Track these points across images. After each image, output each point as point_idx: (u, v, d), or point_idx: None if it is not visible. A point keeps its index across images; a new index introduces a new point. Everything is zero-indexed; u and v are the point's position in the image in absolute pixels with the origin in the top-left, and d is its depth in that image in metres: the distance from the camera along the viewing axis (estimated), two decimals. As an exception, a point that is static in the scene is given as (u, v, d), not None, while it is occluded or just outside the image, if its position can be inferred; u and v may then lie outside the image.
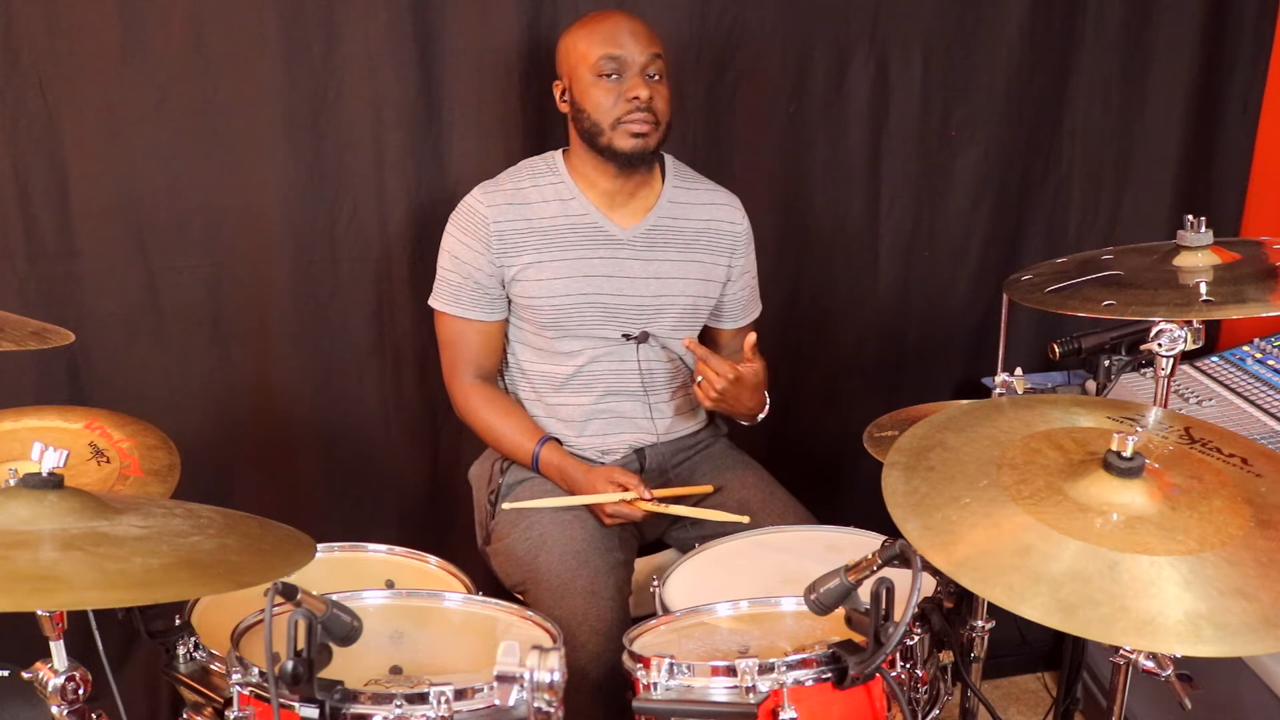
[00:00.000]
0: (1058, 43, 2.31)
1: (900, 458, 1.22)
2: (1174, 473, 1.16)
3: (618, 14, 1.84)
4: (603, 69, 1.78)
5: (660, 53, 1.81)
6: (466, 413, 1.94)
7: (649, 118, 1.79)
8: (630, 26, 1.80)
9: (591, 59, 1.78)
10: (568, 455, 1.89)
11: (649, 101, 1.78)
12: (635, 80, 1.78)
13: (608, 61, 1.77)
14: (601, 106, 1.79)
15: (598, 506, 1.83)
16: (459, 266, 1.86)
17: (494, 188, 1.87)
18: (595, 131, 1.81)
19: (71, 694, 1.21)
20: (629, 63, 1.78)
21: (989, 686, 2.49)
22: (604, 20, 1.82)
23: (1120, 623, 0.98)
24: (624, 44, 1.78)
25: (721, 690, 1.28)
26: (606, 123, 1.79)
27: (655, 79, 1.80)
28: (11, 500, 1.11)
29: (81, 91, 1.93)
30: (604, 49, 1.77)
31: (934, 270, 2.43)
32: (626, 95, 1.77)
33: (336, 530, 1.68)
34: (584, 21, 1.84)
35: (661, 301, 1.90)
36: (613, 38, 1.78)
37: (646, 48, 1.79)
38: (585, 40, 1.80)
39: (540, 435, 1.90)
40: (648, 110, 1.78)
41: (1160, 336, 1.45)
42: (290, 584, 1.15)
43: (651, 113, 1.79)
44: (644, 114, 1.78)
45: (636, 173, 1.86)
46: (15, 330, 1.42)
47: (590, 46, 1.79)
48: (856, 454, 1.78)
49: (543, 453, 1.88)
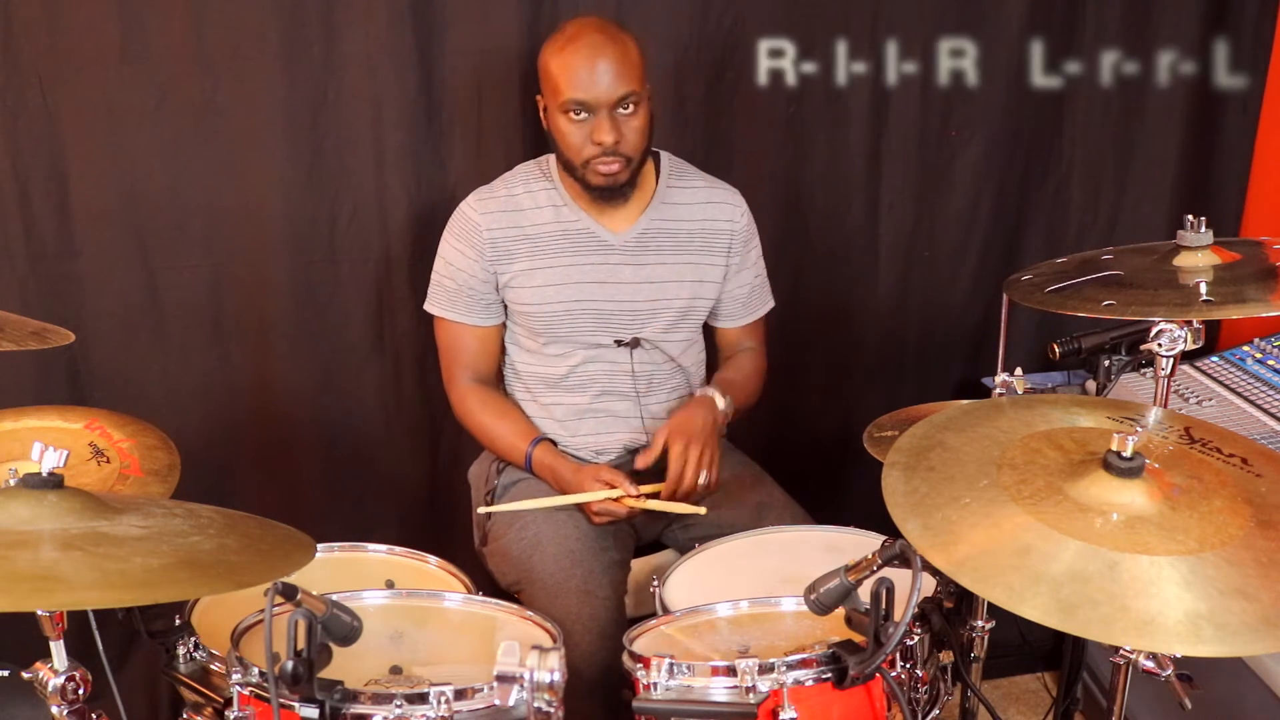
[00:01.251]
0: (1058, 43, 2.31)
1: (900, 458, 1.21)
2: (1174, 473, 1.16)
3: (590, 44, 1.72)
4: (570, 110, 1.73)
5: (633, 89, 1.73)
6: (463, 415, 1.94)
7: (616, 160, 1.76)
8: (602, 64, 1.70)
9: (560, 98, 1.73)
10: (560, 456, 1.89)
11: (616, 145, 1.74)
12: (601, 123, 1.72)
13: (574, 104, 1.72)
14: (571, 145, 1.76)
15: (585, 505, 1.81)
16: (454, 273, 1.86)
17: (488, 194, 1.87)
18: (569, 164, 1.79)
19: (71, 694, 1.21)
20: (597, 105, 1.72)
21: (989, 686, 2.49)
22: (575, 54, 1.72)
23: (1120, 623, 0.98)
24: (592, 87, 1.70)
25: (721, 690, 1.28)
26: (577, 160, 1.77)
27: (628, 111, 1.74)
28: (11, 500, 1.11)
29: (81, 91, 1.93)
30: (570, 92, 1.71)
31: (934, 270, 2.43)
32: (593, 139, 1.73)
33: (336, 530, 1.67)
34: (559, 45, 1.74)
35: (655, 306, 1.90)
36: (580, 79, 1.70)
37: (616, 88, 1.71)
38: (556, 72, 1.73)
39: (534, 436, 1.89)
40: (614, 154, 1.75)
41: (1160, 336, 1.44)
42: (290, 584, 1.15)
43: (618, 155, 1.75)
44: (611, 156, 1.75)
45: (617, 194, 1.83)
46: (15, 330, 1.42)
47: (559, 81, 1.72)
48: (856, 454, 1.78)
49: (535, 453, 1.87)
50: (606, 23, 1.78)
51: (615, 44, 1.73)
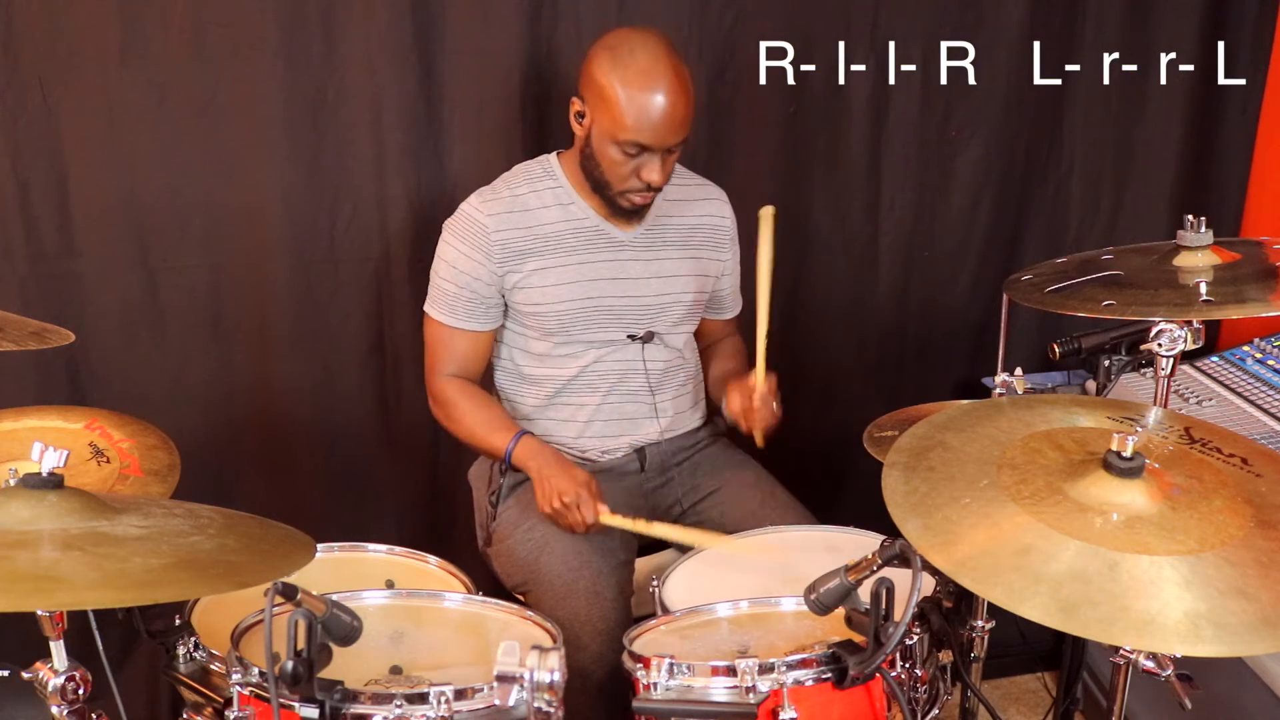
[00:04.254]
0: (1058, 43, 2.31)
1: (900, 458, 1.22)
2: (1174, 473, 1.16)
3: (664, 89, 1.68)
4: (627, 148, 1.71)
5: (687, 135, 1.74)
6: (443, 404, 1.89)
7: (654, 194, 1.79)
8: (671, 113, 1.69)
9: (619, 135, 1.70)
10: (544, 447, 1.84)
11: (660, 184, 1.76)
12: (654, 165, 1.73)
13: (634, 145, 1.71)
14: (615, 175, 1.76)
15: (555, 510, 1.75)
16: (457, 276, 1.84)
17: (492, 195, 1.85)
18: (601, 184, 1.79)
19: (71, 694, 1.21)
20: (655, 149, 1.72)
21: (989, 686, 2.49)
22: (647, 93, 1.67)
23: (1120, 623, 0.98)
24: (658, 135, 1.70)
25: (721, 690, 1.28)
26: (615, 187, 1.77)
27: (673, 153, 1.76)
28: (11, 500, 1.12)
29: (81, 91, 1.93)
30: (635, 135, 1.69)
31: (934, 270, 2.43)
32: (641, 176, 1.74)
33: (336, 530, 1.67)
34: (632, 77, 1.68)
35: (665, 300, 1.91)
36: (649, 125, 1.68)
37: (678, 135, 1.72)
38: (622, 104, 1.68)
39: (515, 430, 1.85)
40: (654, 190, 1.78)
41: (1160, 336, 1.45)
42: (290, 584, 1.15)
43: (656, 191, 1.78)
44: (650, 192, 1.78)
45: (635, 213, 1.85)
46: (15, 330, 1.42)
47: (624, 118, 1.69)
48: (856, 454, 1.79)
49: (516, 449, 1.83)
50: (675, 56, 1.72)
51: (685, 88, 1.71)
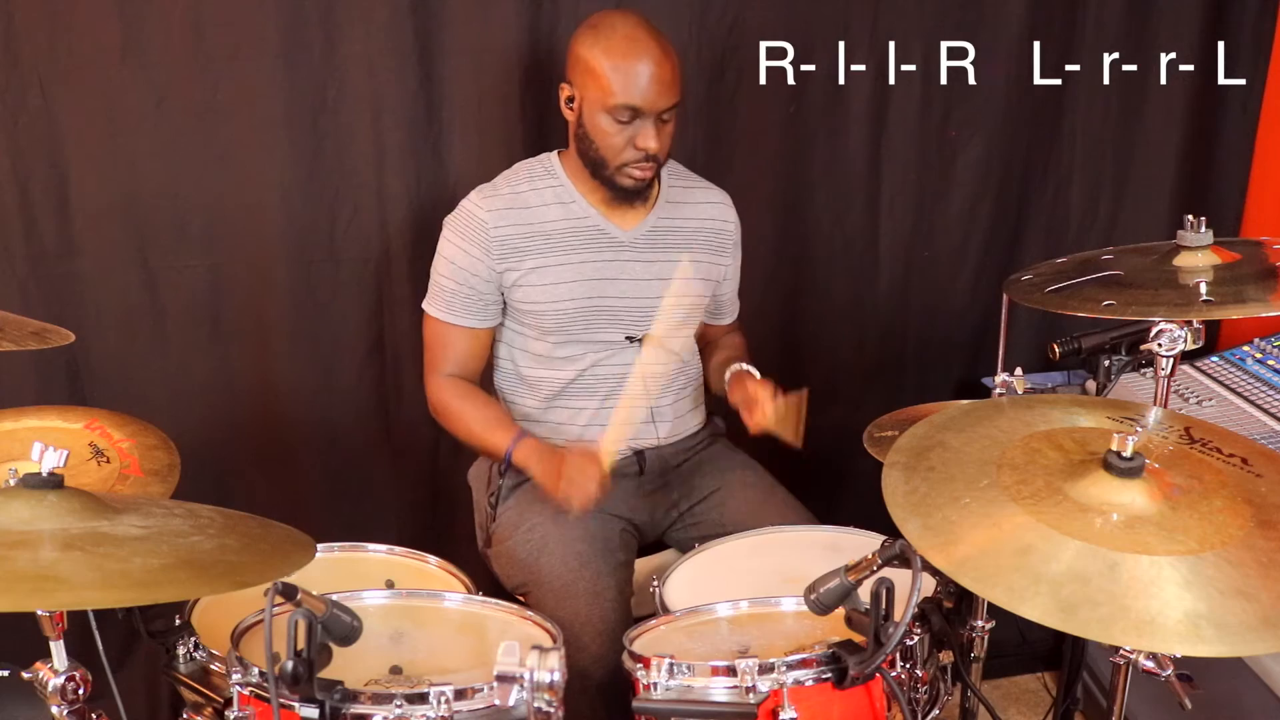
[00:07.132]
0: (1058, 43, 2.31)
1: (900, 458, 1.22)
2: (1174, 473, 1.16)
3: (647, 52, 1.70)
4: (618, 115, 1.72)
5: (679, 99, 1.75)
6: (441, 402, 1.90)
7: (651, 165, 1.78)
8: (657, 74, 1.70)
9: (609, 102, 1.71)
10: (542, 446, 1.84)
11: (657, 151, 1.76)
12: (648, 130, 1.73)
13: (624, 110, 1.71)
14: (610, 146, 1.76)
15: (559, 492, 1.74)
16: (456, 273, 1.84)
17: (492, 192, 1.85)
18: (598, 163, 1.79)
19: (71, 694, 1.21)
20: (646, 113, 1.72)
21: (989, 686, 2.49)
22: (630, 58, 1.70)
23: (1120, 623, 0.98)
24: (646, 97, 1.70)
25: (721, 690, 1.28)
26: (612, 163, 1.77)
27: (668, 119, 1.76)
28: (11, 500, 1.12)
29: (81, 91, 1.93)
30: (624, 98, 1.70)
31: (934, 270, 2.43)
32: (636, 144, 1.74)
33: (336, 530, 1.68)
34: (612, 45, 1.71)
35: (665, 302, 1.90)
36: (636, 87, 1.70)
37: (668, 97, 1.73)
38: (607, 72, 1.70)
39: (516, 431, 1.85)
40: (652, 159, 1.77)
41: (1160, 336, 1.45)
42: (290, 584, 1.15)
43: (654, 160, 1.77)
44: (649, 162, 1.77)
45: (637, 195, 1.84)
46: (15, 330, 1.42)
47: (611, 84, 1.70)
48: (856, 454, 1.79)
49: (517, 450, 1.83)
50: (652, 26, 1.75)
51: (668, 54, 1.73)
